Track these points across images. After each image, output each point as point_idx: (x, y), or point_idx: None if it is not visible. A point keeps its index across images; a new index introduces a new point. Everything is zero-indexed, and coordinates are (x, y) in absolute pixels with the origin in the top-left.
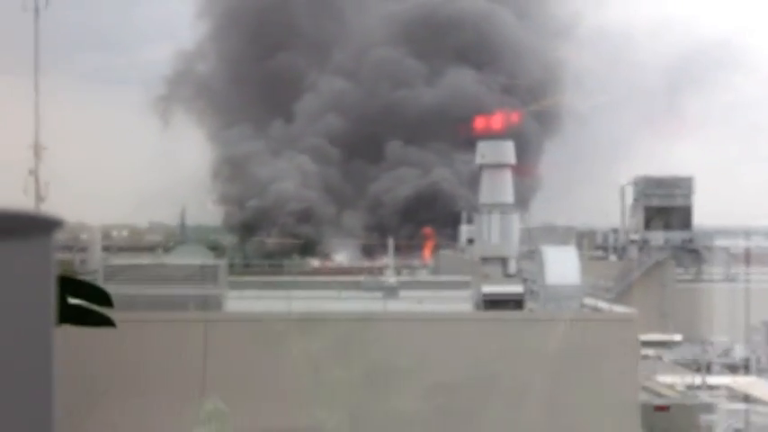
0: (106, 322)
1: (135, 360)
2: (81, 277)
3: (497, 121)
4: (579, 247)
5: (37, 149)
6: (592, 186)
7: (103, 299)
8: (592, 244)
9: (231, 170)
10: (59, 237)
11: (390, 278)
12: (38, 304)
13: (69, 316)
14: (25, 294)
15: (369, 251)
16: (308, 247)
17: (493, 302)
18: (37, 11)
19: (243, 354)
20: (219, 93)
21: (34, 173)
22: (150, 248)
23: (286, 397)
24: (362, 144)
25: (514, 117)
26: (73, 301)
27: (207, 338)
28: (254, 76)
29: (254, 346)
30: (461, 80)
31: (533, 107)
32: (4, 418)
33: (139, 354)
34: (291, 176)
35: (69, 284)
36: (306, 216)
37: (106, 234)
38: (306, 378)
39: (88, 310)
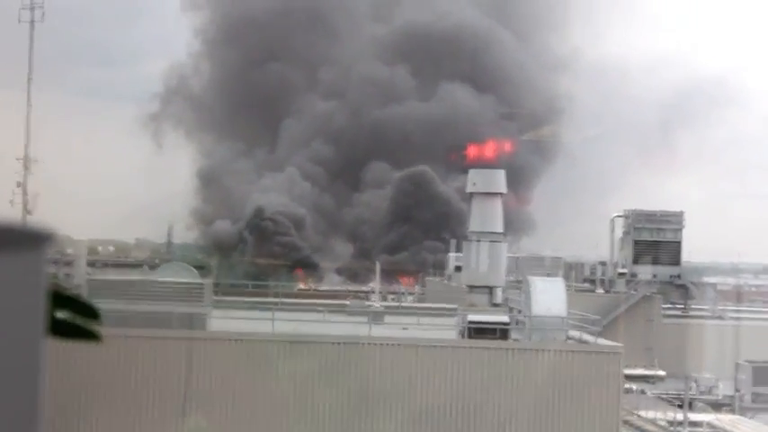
0: (92, 337)
1: (118, 375)
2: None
3: (490, 149)
4: (567, 278)
5: (26, 162)
6: (582, 218)
7: (90, 313)
8: (579, 276)
9: (217, 187)
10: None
11: (376, 303)
12: (28, 316)
13: (55, 329)
14: (16, 306)
15: (355, 275)
16: (296, 266)
17: (478, 331)
18: (32, 24)
19: (226, 373)
20: (211, 110)
21: (23, 185)
22: (136, 265)
23: (267, 417)
24: (348, 168)
25: (507, 146)
26: (58, 314)
27: (191, 356)
28: (245, 93)
29: (238, 365)
30: (456, 98)
31: (528, 136)
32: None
33: (123, 369)
34: (280, 193)
35: (56, 297)
36: (298, 229)
37: (92, 249)
38: (288, 399)
39: (74, 324)
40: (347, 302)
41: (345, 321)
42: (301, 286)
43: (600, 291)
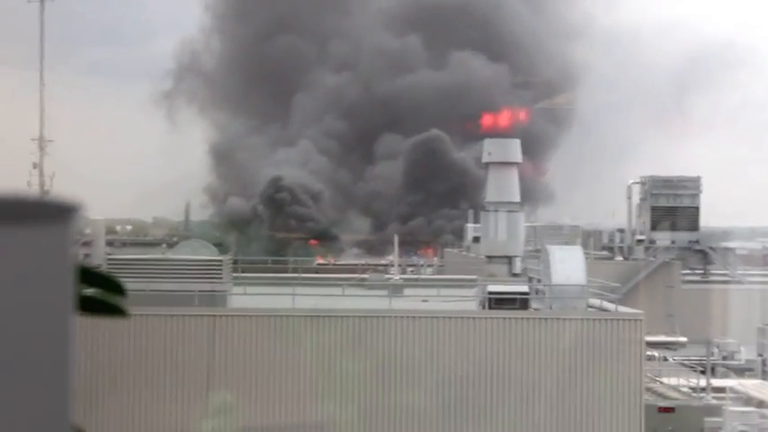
0: (118, 312)
1: (140, 354)
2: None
3: (505, 118)
4: (585, 246)
5: (41, 143)
6: (598, 185)
7: (116, 289)
8: (598, 244)
9: (230, 163)
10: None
11: (395, 276)
12: (57, 291)
13: (81, 305)
14: (44, 281)
15: (373, 248)
16: (316, 241)
17: (498, 301)
18: (42, 3)
19: (248, 349)
20: (223, 86)
21: (39, 166)
22: (154, 243)
23: (291, 391)
24: (361, 141)
25: (522, 115)
26: (84, 290)
27: (212, 334)
28: (256, 67)
29: (259, 342)
30: (469, 67)
31: (542, 105)
32: (23, 406)
33: (144, 348)
34: (295, 168)
35: (80, 273)
36: (315, 201)
37: (110, 228)
38: (311, 374)
39: (100, 299)
40: (366, 276)
41: (365, 295)
42: (320, 261)
43: (619, 258)
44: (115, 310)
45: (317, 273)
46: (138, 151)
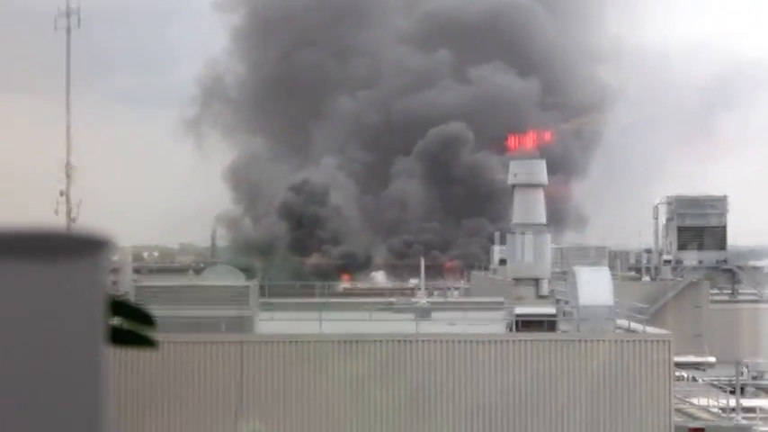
0: (148, 344)
1: (172, 380)
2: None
3: (531, 139)
4: (612, 267)
5: (68, 170)
6: (625, 206)
7: (145, 320)
8: (625, 264)
9: (250, 188)
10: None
11: (422, 299)
12: (88, 324)
13: (111, 336)
14: (76, 314)
15: (399, 272)
16: (344, 267)
17: (526, 323)
18: (69, 30)
19: (276, 375)
20: (246, 109)
21: (65, 193)
22: (181, 270)
23: (321, 417)
24: (383, 164)
25: (548, 135)
26: (113, 321)
27: (241, 359)
28: (279, 89)
29: (288, 367)
30: (495, 84)
31: (569, 125)
32: None
33: (174, 374)
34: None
35: (111, 304)
36: (342, 234)
37: (137, 255)
38: (340, 398)
39: (130, 331)
40: (393, 300)
41: (392, 319)
42: (346, 285)
43: (646, 278)
44: (145, 341)
45: (344, 297)
46: (164, 177)
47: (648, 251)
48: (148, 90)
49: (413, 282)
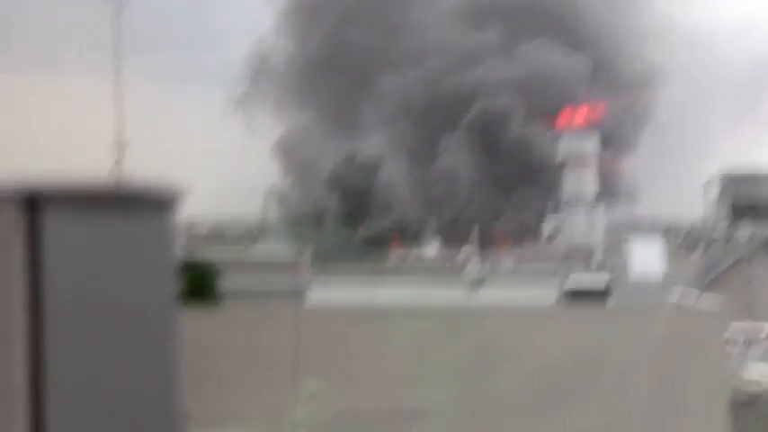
0: (215, 298)
1: (228, 347)
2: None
3: (583, 113)
4: (664, 240)
5: (119, 147)
6: (677, 181)
7: (210, 277)
8: (677, 238)
9: (300, 162)
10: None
11: (474, 270)
12: (161, 276)
13: (181, 293)
14: (149, 267)
15: (451, 242)
16: (395, 237)
17: (577, 295)
18: (119, 8)
19: (331, 345)
20: (294, 85)
21: (117, 170)
22: (234, 241)
23: (380, 383)
24: (431, 141)
25: (600, 110)
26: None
27: (294, 329)
28: (327, 65)
29: (342, 337)
30: (545, 59)
31: (620, 99)
32: (138, 396)
33: (228, 344)
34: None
35: (180, 262)
36: (397, 205)
37: (190, 227)
38: (397, 367)
39: (197, 287)
40: (445, 270)
41: (446, 288)
42: (399, 254)
43: (698, 252)
44: (212, 297)
45: (397, 267)
46: (214, 153)
47: (700, 225)
48: (197, 68)
49: (464, 253)
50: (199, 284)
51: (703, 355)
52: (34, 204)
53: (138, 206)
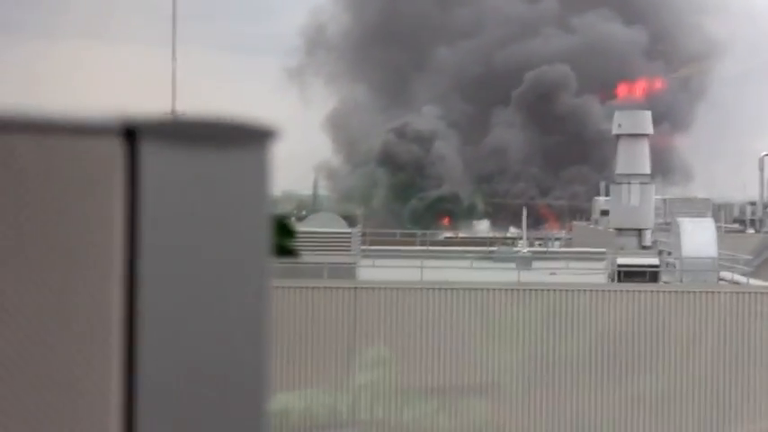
0: (291, 253)
1: (284, 321)
2: None
3: (640, 88)
4: (716, 219)
5: (174, 117)
6: (731, 158)
7: (286, 230)
8: (729, 217)
9: (349, 136)
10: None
11: (524, 249)
12: (256, 215)
13: None
14: (244, 205)
15: (501, 221)
16: (446, 213)
17: (628, 274)
18: None
19: (382, 321)
20: (349, 58)
21: None
22: (284, 217)
23: (431, 361)
24: (483, 114)
25: (657, 84)
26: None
27: (348, 305)
28: (384, 40)
29: (391, 314)
30: (602, 32)
31: (676, 75)
32: (228, 353)
33: (288, 316)
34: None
35: None
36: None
37: None
38: (448, 346)
39: (276, 242)
40: (494, 249)
41: (493, 268)
42: (448, 234)
43: (750, 231)
44: (288, 251)
45: (445, 245)
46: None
47: (753, 204)
48: (252, 39)
49: (513, 230)
50: (280, 236)
51: (757, 334)
52: (133, 135)
53: (237, 140)
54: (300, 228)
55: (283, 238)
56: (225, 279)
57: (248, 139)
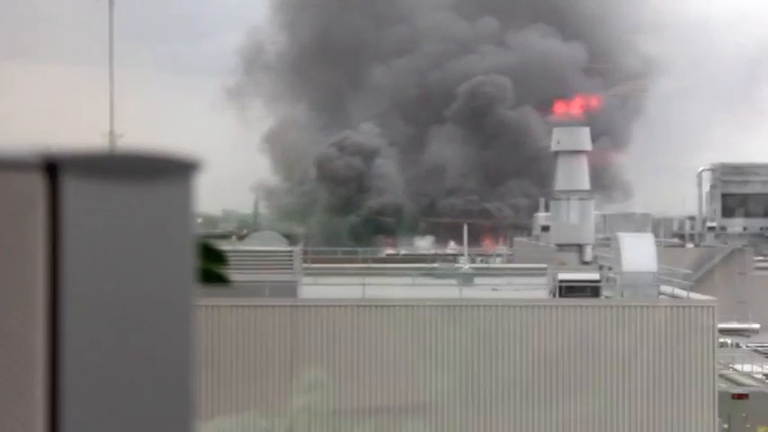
0: (223, 281)
1: (224, 340)
2: None
3: (577, 105)
4: (656, 234)
5: (112, 138)
6: (669, 173)
7: (218, 258)
8: (669, 231)
9: (287, 154)
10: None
11: (465, 265)
12: (179, 246)
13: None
14: (167, 237)
15: (442, 237)
16: (387, 230)
17: (569, 289)
18: (111, 1)
19: (322, 339)
20: (286, 77)
21: None
22: (224, 236)
23: (369, 378)
24: (419, 134)
25: (594, 102)
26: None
27: (285, 324)
28: (320, 59)
29: (333, 331)
30: (538, 49)
31: (614, 92)
32: (151, 374)
33: (217, 338)
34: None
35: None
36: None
37: None
38: (387, 361)
39: (207, 270)
40: (436, 265)
41: (435, 284)
42: (389, 251)
43: (690, 245)
44: (220, 279)
45: (386, 263)
46: (206, 145)
47: (692, 218)
48: (191, 59)
49: (454, 246)
50: (209, 264)
51: (695, 349)
52: (54, 169)
53: (159, 173)
54: (242, 247)
55: (213, 264)
56: (149, 308)
57: (171, 171)
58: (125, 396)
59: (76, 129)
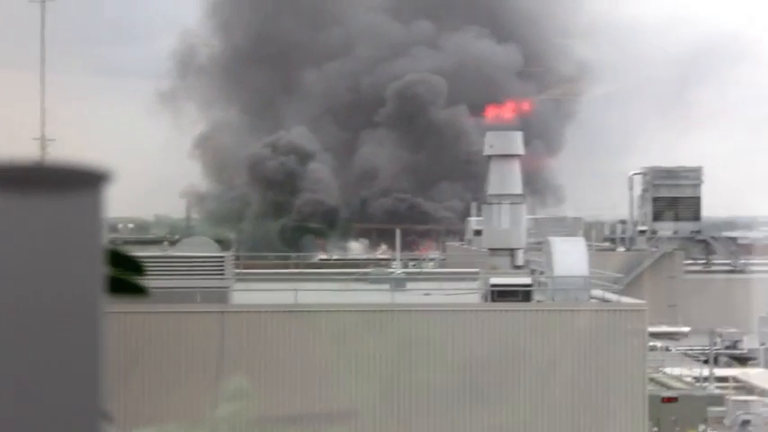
0: (139, 291)
1: (151, 347)
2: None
3: (509, 108)
4: (587, 238)
5: (43, 142)
6: (601, 177)
7: (133, 267)
8: (600, 235)
9: (220, 158)
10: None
11: (397, 270)
12: (87, 257)
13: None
14: (75, 247)
15: (374, 241)
16: (320, 232)
17: (501, 294)
18: (43, 3)
19: (253, 344)
20: (221, 83)
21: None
22: (156, 241)
23: (296, 385)
24: (353, 137)
25: (526, 105)
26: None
27: (216, 329)
28: (252, 59)
29: (264, 337)
30: (472, 53)
31: (545, 95)
32: (57, 384)
33: (148, 344)
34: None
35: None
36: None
37: (112, 227)
38: (320, 366)
39: (120, 278)
40: (369, 270)
41: (368, 289)
42: (322, 256)
43: (621, 249)
44: (135, 289)
45: (319, 268)
46: (139, 150)
47: (623, 222)
48: (124, 62)
49: (384, 248)
50: (122, 275)
51: (625, 352)
52: None
53: (67, 184)
54: (172, 252)
55: (127, 272)
56: (55, 317)
57: (79, 183)
58: (28, 405)
59: (6, 134)
